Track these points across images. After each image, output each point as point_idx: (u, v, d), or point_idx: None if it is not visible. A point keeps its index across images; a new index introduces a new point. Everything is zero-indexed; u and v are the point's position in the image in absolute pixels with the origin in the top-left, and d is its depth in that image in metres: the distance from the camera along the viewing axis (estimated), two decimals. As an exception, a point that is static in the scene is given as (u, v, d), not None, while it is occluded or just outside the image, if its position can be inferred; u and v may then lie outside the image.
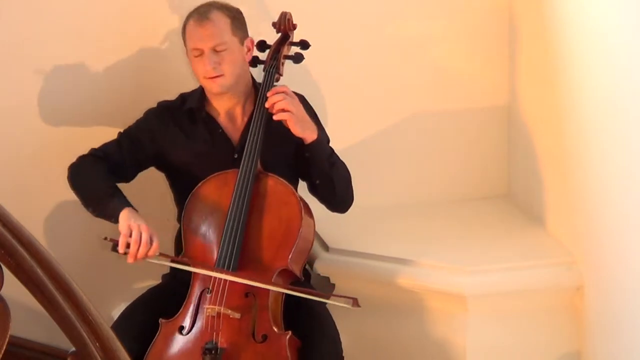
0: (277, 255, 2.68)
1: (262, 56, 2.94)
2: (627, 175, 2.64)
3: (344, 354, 2.73)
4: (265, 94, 2.79)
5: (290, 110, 2.72)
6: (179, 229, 2.82)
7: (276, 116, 2.73)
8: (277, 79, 2.89)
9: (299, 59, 2.92)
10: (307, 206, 2.77)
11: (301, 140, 2.76)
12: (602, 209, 2.80)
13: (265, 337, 2.59)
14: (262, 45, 2.95)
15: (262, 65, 2.91)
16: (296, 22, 2.97)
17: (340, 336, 2.74)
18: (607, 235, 2.79)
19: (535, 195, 3.28)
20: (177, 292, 2.72)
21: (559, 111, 3.04)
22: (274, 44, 2.94)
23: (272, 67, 2.88)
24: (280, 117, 2.72)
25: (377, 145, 3.42)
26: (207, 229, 2.73)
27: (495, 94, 3.48)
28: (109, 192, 2.77)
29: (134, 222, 2.64)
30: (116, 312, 2.94)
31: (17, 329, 1.75)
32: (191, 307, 2.65)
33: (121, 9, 3.15)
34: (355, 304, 2.63)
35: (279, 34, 2.96)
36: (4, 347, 1.63)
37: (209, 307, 2.60)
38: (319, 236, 3.17)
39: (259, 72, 2.94)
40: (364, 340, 3.09)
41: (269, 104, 2.75)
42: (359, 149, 3.38)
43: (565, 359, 3.02)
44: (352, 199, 2.92)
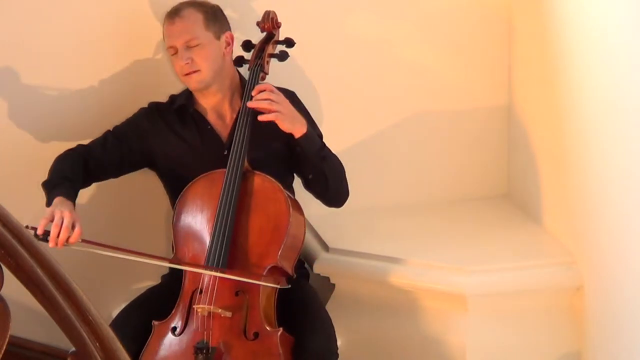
0: (267, 252, 2.68)
1: (248, 56, 2.94)
2: (627, 175, 2.64)
3: (343, 354, 2.73)
4: (250, 92, 2.79)
5: (276, 110, 2.72)
6: None
7: (262, 117, 2.73)
8: (262, 78, 2.89)
9: (284, 57, 2.92)
10: (296, 203, 2.77)
11: (291, 135, 2.76)
12: (602, 209, 2.79)
13: (256, 335, 2.59)
14: (248, 45, 2.96)
15: (247, 64, 2.91)
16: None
17: (337, 334, 2.74)
18: (607, 235, 2.79)
19: (535, 195, 3.28)
20: (175, 292, 2.72)
21: (559, 111, 3.04)
22: (259, 43, 2.95)
23: (257, 65, 2.88)
24: (266, 117, 2.72)
25: (377, 145, 3.42)
26: (197, 228, 2.73)
27: (495, 94, 3.48)
28: (57, 182, 2.78)
29: (59, 208, 2.64)
30: (116, 312, 2.93)
31: (17, 329, 1.75)
32: (182, 308, 2.66)
33: (119, 11, 3.15)
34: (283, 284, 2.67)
35: (264, 33, 2.96)
36: (4, 347, 1.63)
37: (199, 306, 2.60)
38: (318, 236, 3.17)
39: (244, 72, 2.94)
40: (363, 340, 3.09)
41: (253, 106, 2.74)
42: (358, 149, 3.38)
43: (565, 359, 3.02)
44: (346, 194, 2.92)
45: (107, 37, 3.15)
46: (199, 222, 2.73)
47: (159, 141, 2.91)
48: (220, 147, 2.87)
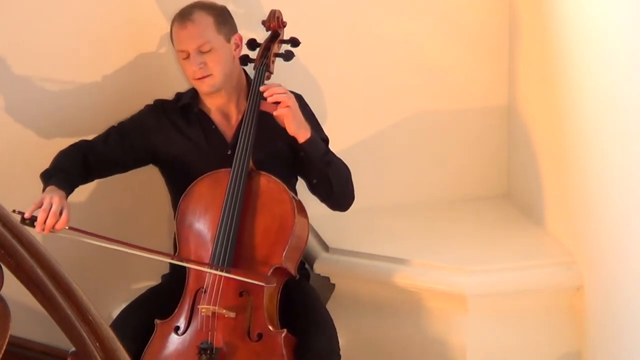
0: (271, 253, 2.68)
1: (253, 54, 2.93)
2: (627, 175, 2.64)
3: (343, 354, 2.73)
4: (255, 92, 2.79)
5: (289, 105, 2.72)
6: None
7: (277, 112, 2.72)
8: (267, 77, 2.88)
9: (289, 56, 2.92)
10: (301, 204, 2.77)
11: (294, 139, 2.76)
12: (602, 209, 2.79)
13: (260, 336, 2.59)
14: (253, 43, 2.95)
15: (252, 63, 2.91)
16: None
17: (338, 335, 2.74)
18: (607, 235, 2.79)
19: (535, 195, 3.28)
20: (176, 292, 2.71)
21: (559, 111, 3.04)
22: (264, 42, 2.94)
23: (262, 65, 2.87)
24: (280, 112, 2.72)
25: (376, 145, 3.42)
26: (201, 227, 2.73)
27: (495, 94, 3.48)
28: (53, 173, 2.80)
29: (48, 194, 2.65)
30: (116, 312, 2.93)
31: (17, 329, 1.75)
32: (186, 307, 2.65)
33: (120, 10, 3.15)
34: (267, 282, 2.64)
35: (269, 32, 2.96)
36: (4, 347, 1.63)
37: (204, 307, 2.60)
38: (318, 236, 3.17)
39: (249, 71, 2.94)
40: (364, 340, 3.09)
41: (269, 94, 2.72)
42: (358, 149, 3.37)
43: (565, 359, 3.02)
44: (352, 198, 2.92)
45: (110, 33, 3.14)
46: (203, 221, 2.73)
47: (162, 138, 2.91)
48: (224, 147, 2.86)
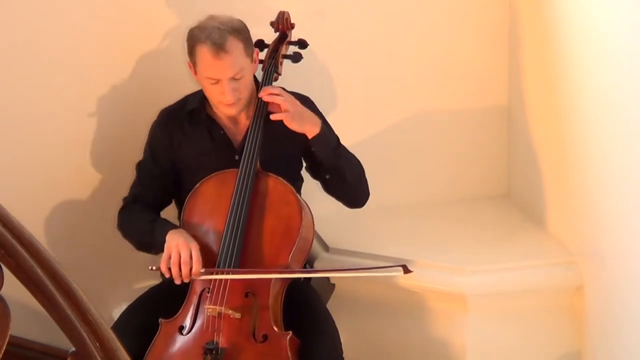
0: (278, 254, 2.68)
1: (261, 55, 2.93)
2: (627, 175, 2.64)
3: (344, 354, 2.73)
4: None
5: (286, 109, 2.72)
6: None
7: (273, 116, 2.73)
8: (275, 79, 2.89)
9: (297, 58, 2.92)
10: (307, 206, 2.77)
11: (305, 137, 2.76)
12: (602, 209, 2.79)
13: (265, 337, 2.59)
14: (260, 44, 2.95)
15: (260, 64, 2.90)
16: (297, 22, 2.97)
17: (340, 336, 2.74)
18: (607, 235, 2.79)
19: (535, 195, 3.28)
20: (178, 292, 2.71)
21: (559, 111, 3.04)
22: (272, 44, 2.94)
23: (271, 66, 2.88)
24: (276, 117, 2.72)
25: (377, 145, 3.42)
26: (207, 228, 2.73)
27: (495, 94, 3.48)
28: (148, 229, 2.79)
29: (174, 243, 2.65)
30: (116, 312, 2.94)
31: (17, 329, 1.75)
32: (191, 307, 2.65)
33: (122, 10, 3.15)
34: (406, 271, 2.61)
35: (277, 34, 2.96)
36: (4, 347, 1.63)
37: (209, 307, 2.60)
38: (318, 236, 3.17)
39: (257, 72, 2.93)
40: (364, 340, 3.09)
41: (267, 99, 2.74)
42: (358, 149, 3.35)
43: (565, 359, 3.02)
44: (367, 192, 2.92)
45: (110, 33, 3.14)
46: (209, 221, 2.73)
47: (174, 146, 2.89)
48: (231, 151, 2.85)
